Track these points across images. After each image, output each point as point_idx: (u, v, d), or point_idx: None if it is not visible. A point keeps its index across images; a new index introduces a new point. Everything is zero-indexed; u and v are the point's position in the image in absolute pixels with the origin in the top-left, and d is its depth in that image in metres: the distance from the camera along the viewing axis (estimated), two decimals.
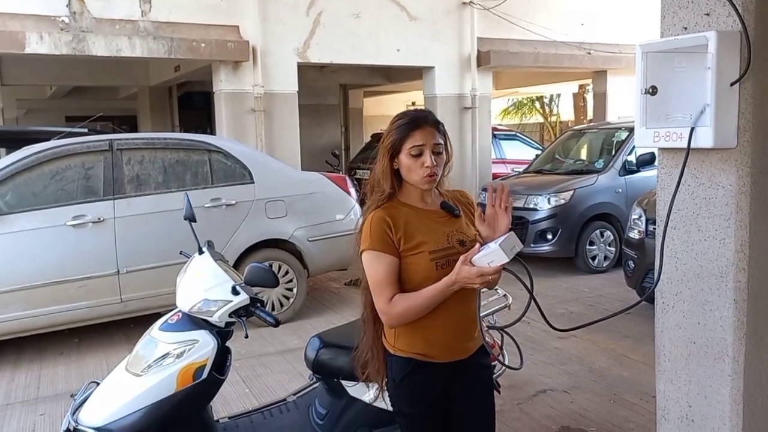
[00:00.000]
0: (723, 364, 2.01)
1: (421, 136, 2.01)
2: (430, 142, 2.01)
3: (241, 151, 6.03)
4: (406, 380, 2.08)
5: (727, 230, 1.97)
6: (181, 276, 2.76)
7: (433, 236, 2.03)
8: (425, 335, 2.04)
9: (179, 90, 13.74)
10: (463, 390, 2.14)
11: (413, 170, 2.02)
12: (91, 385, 2.70)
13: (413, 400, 2.10)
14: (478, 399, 2.17)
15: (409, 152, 2.01)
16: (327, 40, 8.83)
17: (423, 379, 2.08)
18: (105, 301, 5.16)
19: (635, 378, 4.40)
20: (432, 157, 2.00)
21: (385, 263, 1.99)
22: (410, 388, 2.09)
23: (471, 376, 2.15)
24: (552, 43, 10.52)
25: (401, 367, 2.08)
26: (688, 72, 1.95)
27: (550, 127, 23.60)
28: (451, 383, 2.12)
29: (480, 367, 2.18)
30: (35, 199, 5.07)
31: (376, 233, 1.99)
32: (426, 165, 2.00)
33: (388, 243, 1.99)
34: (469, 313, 2.10)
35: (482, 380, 2.20)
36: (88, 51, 7.33)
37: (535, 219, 7.47)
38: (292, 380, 4.41)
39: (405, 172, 2.04)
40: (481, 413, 2.18)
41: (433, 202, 2.12)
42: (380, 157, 2.07)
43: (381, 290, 1.99)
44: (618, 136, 8.31)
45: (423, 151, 2.00)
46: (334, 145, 14.20)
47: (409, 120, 2.05)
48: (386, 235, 1.99)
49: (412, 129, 2.02)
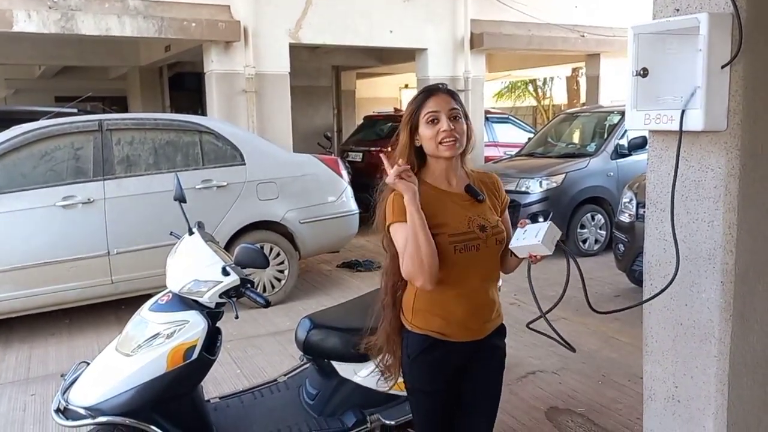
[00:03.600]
0: (709, 345, 2.03)
1: (435, 102, 2.03)
2: (445, 107, 2.02)
3: (233, 132, 5.99)
4: (420, 357, 2.09)
5: (715, 213, 1.98)
6: (172, 257, 2.76)
7: (455, 219, 2.03)
8: (443, 314, 2.05)
9: (170, 70, 13.60)
10: (475, 369, 2.16)
11: (431, 138, 2.02)
12: (81, 365, 2.70)
13: (427, 378, 2.11)
14: (487, 379, 2.20)
15: (425, 120, 2.02)
16: (319, 21, 8.76)
17: (438, 358, 2.08)
18: (95, 282, 5.15)
19: (624, 359, 4.44)
20: (448, 121, 2.01)
21: (406, 231, 1.98)
22: (425, 365, 2.10)
23: (484, 356, 2.16)
24: (546, 25, 10.47)
25: (417, 343, 2.08)
26: (680, 54, 1.95)
27: (543, 110, 23.58)
28: (465, 362, 2.13)
29: (494, 348, 2.19)
30: (24, 179, 5.03)
31: (399, 206, 1.98)
32: (443, 129, 2.00)
33: None
34: (489, 294, 2.12)
35: (495, 360, 2.21)
36: (77, 30, 7.23)
37: (527, 202, 7.48)
38: (284, 361, 4.42)
39: (425, 144, 2.04)
40: (489, 393, 2.21)
41: (458, 184, 2.11)
42: (401, 135, 2.09)
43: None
44: (610, 119, 8.32)
45: (438, 117, 2.02)
46: (327, 127, 14.13)
47: (423, 91, 2.10)
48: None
49: (426, 98, 2.05)
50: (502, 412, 3.69)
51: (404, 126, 2.08)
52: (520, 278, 2.12)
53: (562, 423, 3.60)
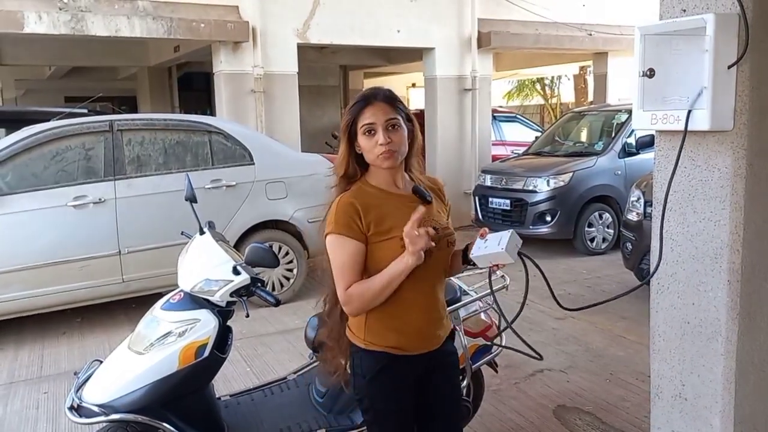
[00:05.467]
0: (716, 344, 2.05)
1: (371, 113, 1.93)
2: (382, 118, 1.93)
3: (242, 132, 6.03)
4: (379, 376, 1.99)
5: (722, 212, 1.99)
6: (183, 256, 2.79)
7: (405, 222, 1.85)
8: (398, 326, 1.98)
9: (179, 70, 13.67)
10: (435, 378, 2.10)
11: (370, 150, 1.94)
12: (94, 364, 2.74)
13: (388, 396, 2.02)
14: (446, 385, 2.15)
15: (362, 132, 1.94)
16: (327, 21, 8.78)
17: (397, 373, 2.00)
18: (106, 281, 5.20)
19: (631, 358, 4.45)
20: (385, 133, 1.92)
21: (349, 249, 1.90)
22: (384, 384, 2.01)
23: (443, 363, 2.12)
24: (553, 24, 10.45)
25: (374, 362, 1.99)
26: (686, 54, 1.96)
27: (551, 108, 23.54)
28: (423, 373, 2.07)
29: (448, 353, 2.16)
30: (36, 179, 5.09)
31: (342, 217, 1.90)
32: (379, 143, 1.92)
33: (354, 228, 1.90)
34: (439, 302, 2.07)
35: (450, 366, 2.18)
36: (86, 31, 7.28)
37: (534, 201, 7.50)
38: (293, 359, 4.45)
39: (365, 153, 1.96)
40: (449, 398, 2.17)
41: (404, 187, 2.03)
42: (340, 143, 2.01)
43: (342, 276, 1.91)
44: (618, 118, 8.31)
45: (374, 128, 1.93)
46: (334, 126, 14.14)
47: (359, 99, 1.99)
48: (353, 220, 1.90)
49: (363, 107, 1.95)
50: (510, 410, 3.74)
51: (342, 135, 1.99)
52: (516, 279, 2.13)
53: (569, 421, 3.61)
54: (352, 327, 2.05)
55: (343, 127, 1.99)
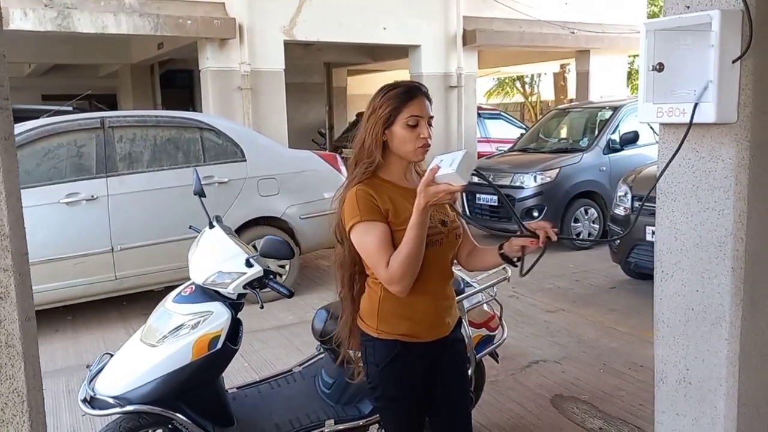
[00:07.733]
0: (720, 329, 2.12)
1: (418, 106, 1.97)
2: (426, 113, 1.98)
3: (233, 128, 6.04)
4: (392, 363, 2.04)
5: (726, 202, 2.06)
6: (193, 249, 2.82)
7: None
8: (410, 314, 2.03)
9: (161, 68, 13.58)
10: (444, 365, 2.15)
11: (408, 141, 1.97)
12: (105, 357, 2.75)
13: (400, 383, 2.07)
14: (455, 372, 2.20)
15: (406, 122, 1.96)
16: (314, 18, 8.81)
17: (409, 361, 2.05)
18: (100, 279, 5.18)
19: (623, 348, 4.55)
20: (428, 128, 1.99)
21: (379, 231, 1.93)
22: (397, 371, 2.05)
23: (451, 351, 2.17)
24: (536, 22, 10.59)
25: (386, 350, 2.04)
26: (693, 49, 2.03)
27: (531, 106, 23.75)
28: (433, 361, 2.12)
29: (457, 341, 2.22)
30: (28, 177, 5.04)
31: (363, 205, 1.94)
32: (422, 136, 1.96)
33: (378, 211, 1.94)
34: (447, 290, 2.13)
35: (459, 353, 2.24)
36: (73, 27, 7.25)
37: (522, 197, 7.59)
38: (290, 354, 4.49)
39: (397, 144, 1.98)
40: (459, 384, 2.22)
41: (413, 181, 2.06)
42: (370, 128, 2.00)
43: (380, 258, 1.91)
44: (602, 115, 8.44)
45: (420, 122, 1.97)
46: (320, 123, 14.19)
47: (405, 90, 2.00)
48: (374, 204, 1.95)
49: (410, 99, 1.97)
50: (509, 400, 3.82)
51: (379, 122, 1.97)
52: (517, 271, 2.19)
53: (567, 410, 3.70)
54: (363, 317, 2.09)
55: (383, 114, 1.96)
